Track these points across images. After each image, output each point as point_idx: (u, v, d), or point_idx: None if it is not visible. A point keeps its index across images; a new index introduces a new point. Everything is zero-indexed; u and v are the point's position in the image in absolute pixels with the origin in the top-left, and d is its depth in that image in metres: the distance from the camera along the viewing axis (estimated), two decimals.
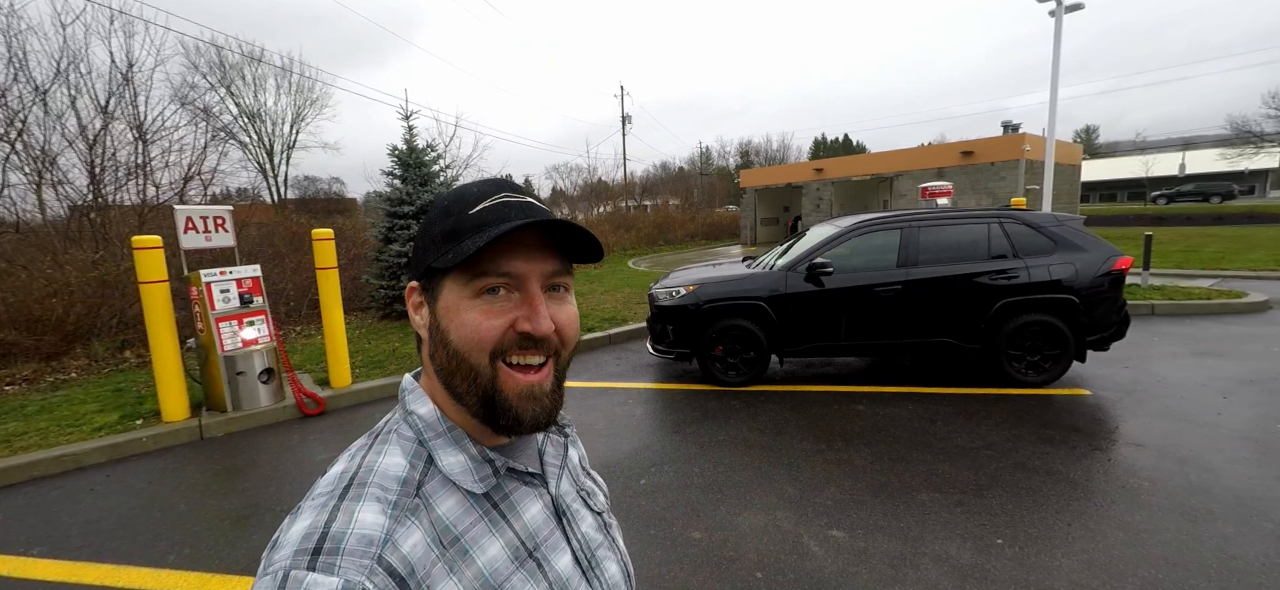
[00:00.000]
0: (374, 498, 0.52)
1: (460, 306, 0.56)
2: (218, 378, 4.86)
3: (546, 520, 0.61)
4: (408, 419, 0.59)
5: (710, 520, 3.17)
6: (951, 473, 3.58)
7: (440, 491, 0.55)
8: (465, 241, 0.55)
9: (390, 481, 0.54)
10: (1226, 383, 4.89)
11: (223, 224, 5.12)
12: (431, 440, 0.58)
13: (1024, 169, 19.15)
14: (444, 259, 0.55)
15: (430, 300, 0.59)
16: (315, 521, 0.49)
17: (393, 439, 0.58)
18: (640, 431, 4.49)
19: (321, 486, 0.54)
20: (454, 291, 0.56)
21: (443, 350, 0.57)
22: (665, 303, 5.61)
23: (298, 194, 29.77)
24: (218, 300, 4.85)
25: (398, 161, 9.15)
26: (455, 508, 0.55)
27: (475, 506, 0.56)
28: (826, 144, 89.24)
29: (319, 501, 0.52)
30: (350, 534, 0.48)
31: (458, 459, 0.57)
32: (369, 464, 0.55)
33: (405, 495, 0.53)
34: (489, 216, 0.56)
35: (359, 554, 0.47)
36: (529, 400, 0.57)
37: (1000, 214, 5.22)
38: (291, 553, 0.47)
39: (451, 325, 0.56)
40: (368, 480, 0.53)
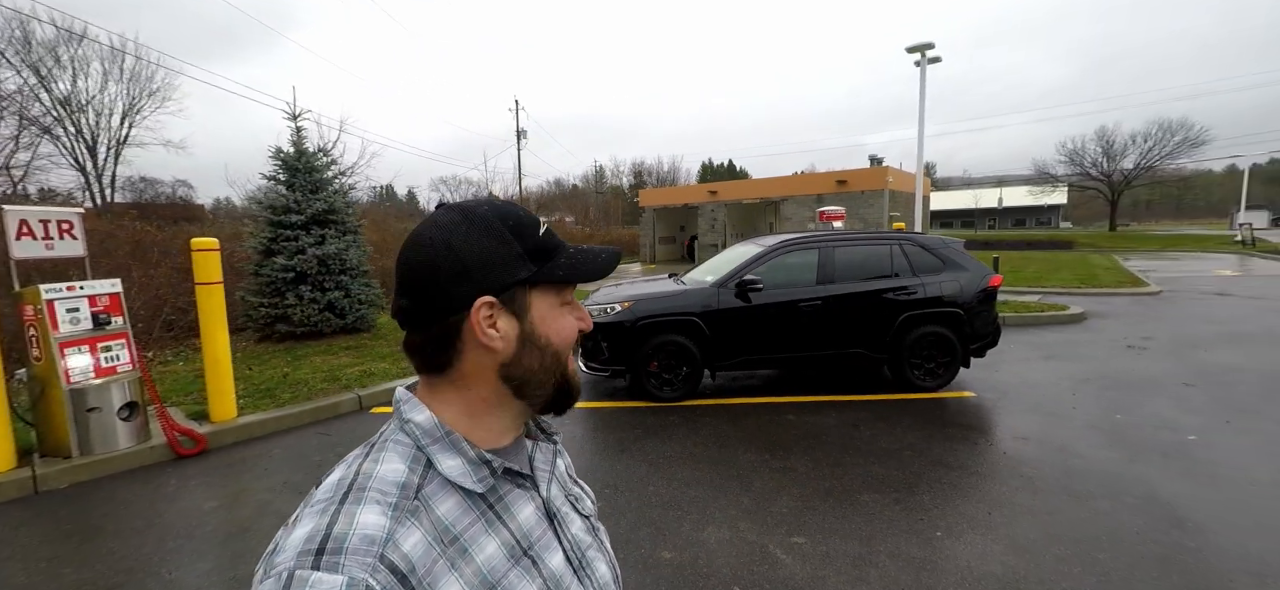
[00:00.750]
0: (374, 501, 0.53)
1: (557, 314, 0.66)
2: (59, 416, 3.96)
3: (539, 521, 0.65)
4: (404, 427, 0.61)
5: (677, 538, 3.15)
6: (883, 474, 3.88)
7: (439, 493, 0.58)
8: (560, 260, 0.65)
9: (389, 486, 0.55)
10: (1071, 382, 5.83)
11: (70, 229, 4.22)
12: (429, 446, 0.60)
13: (888, 197, 21.62)
14: (557, 274, 0.64)
15: (516, 311, 0.63)
16: (317, 525, 0.51)
17: (390, 446, 0.60)
18: (586, 452, 4.36)
19: (320, 494, 0.56)
20: (546, 301, 0.65)
21: (539, 353, 0.64)
22: (600, 319, 5.53)
23: (131, 197, 25.43)
24: (63, 321, 3.97)
25: (283, 165, 8.16)
26: (454, 509, 0.58)
27: (473, 507, 0.59)
28: (713, 168, 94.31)
29: (318, 507, 0.53)
30: (353, 534, 0.50)
31: (456, 462, 0.60)
32: (367, 470, 0.57)
33: (405, 498, 0.55)
34: (553, 240, 0.66)
35: (362, 552, 0.49)
36: (578, 378, 0.70)
37: (900, 237, 5.84)
38: (295, 554, 0.49)
39: (552, 330, 0.65)
40: (367, 485, 0.55)
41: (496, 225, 0.63)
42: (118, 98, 24.65)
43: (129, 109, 25.32)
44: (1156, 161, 35.12)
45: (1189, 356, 6.68)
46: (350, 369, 6.38)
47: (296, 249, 7.85)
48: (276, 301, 7.77)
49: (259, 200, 8.42)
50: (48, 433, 4.05)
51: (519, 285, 0.62)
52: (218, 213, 32.54)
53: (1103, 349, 7.24)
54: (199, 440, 4.41)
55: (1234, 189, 74.75)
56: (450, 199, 3.63)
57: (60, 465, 3.90)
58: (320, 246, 7.93)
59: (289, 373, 6.26)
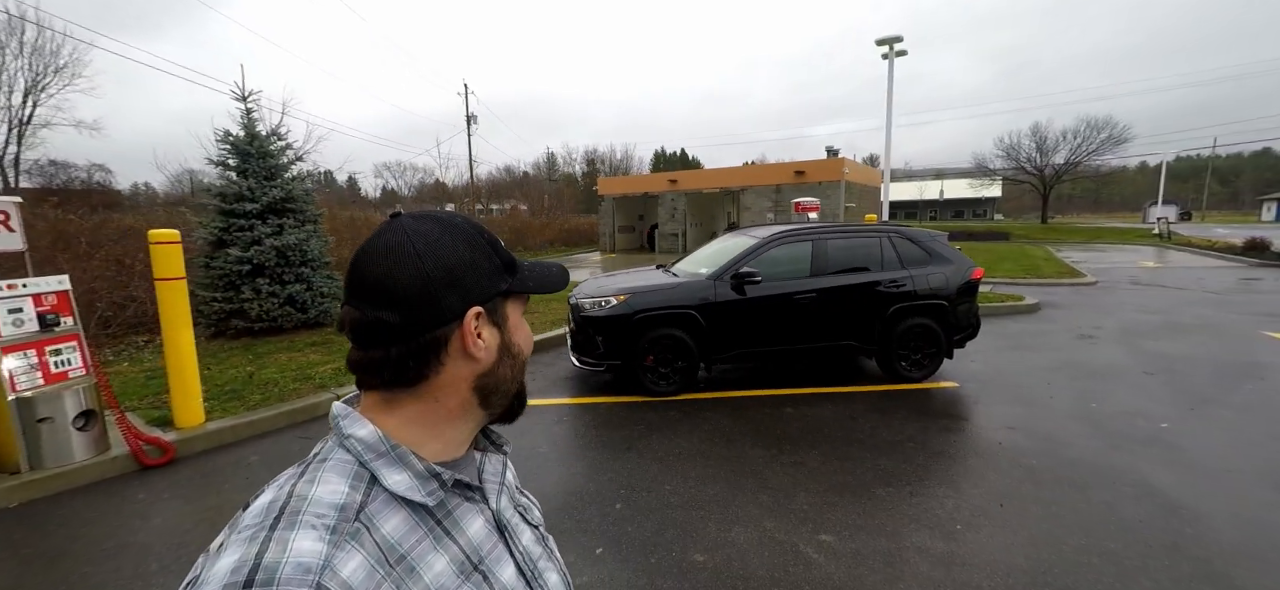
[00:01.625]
0: (309, 525, 0.51)
1: (522, 323, 0.69)
2: (4, 429, 3.51)
3: (489, 534, 0.64)
4: (345, 443, 0.59)
5: (705, 539, 3.10)
6: (892, 467, 3.95)
7: (384, 510, 0.56)
8: (524, 273, 0.68)
9: (326, 508, 0.53)
10: (1042, 371, 6.14)
11: (6, 220, 3.72)
12: (372, 461, 0.57)
13: (844, 188, 22.25)
14: (511, 284, 0.66)
15: (497, 321, 0.65)
16: (245, 555, 0.48)
17: (329, 466, 0.57)
18: (591, 451, 4.24)
19: (248, 518, 0.52)
20: (515, 311, 0.68)
21: (511, 362, 0.66)
22: (594, 313, 5.39)
23: (40, 182, 23.05)
24: (5, 324, 3.51)
25: (233, 149, 7.52)
26: (400, 526, 0.56)
27: (421, 523, 0.57)
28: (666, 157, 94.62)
29: (246, 534, 0.50)
30: (285, 563, 0.47)
31: (403, 476, 0.58)
32: (301, 492, 0.54)
33: (344, 520, 0.52)
34: (511, 253, 0.68)
35: (295, 583, 0.46)
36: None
37: (889, 229, 5.96)
38: (220, 587, 0.45)
39: (520, 337, 0.68)
40: (301, 509, 0.52)
41: (476, 237, 0.65)
42: (18, 73, 22.21)
43: (32, 86, 22.87)
44: (1084, 157, 37.75)
45: (1139, 346, 7.17)
46: (321, 367, 5.99)
47: (252, 239, 7.28)
48: (231, 295, 7.20)
49: (207, 187, 7.75)
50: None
51: (500, 296, 0.65)
52: (138, 199, 29.95)
53: (1061, 339, 7.67)
54: (166, 449, 4.02)
55: (1145, 185, 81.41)
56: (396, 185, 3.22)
57: (7, 482, 3.46)
58: (278, 237, 7.40)
59: (254, 372, 5.82)
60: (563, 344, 7.46)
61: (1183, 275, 14.58)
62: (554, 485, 3.74)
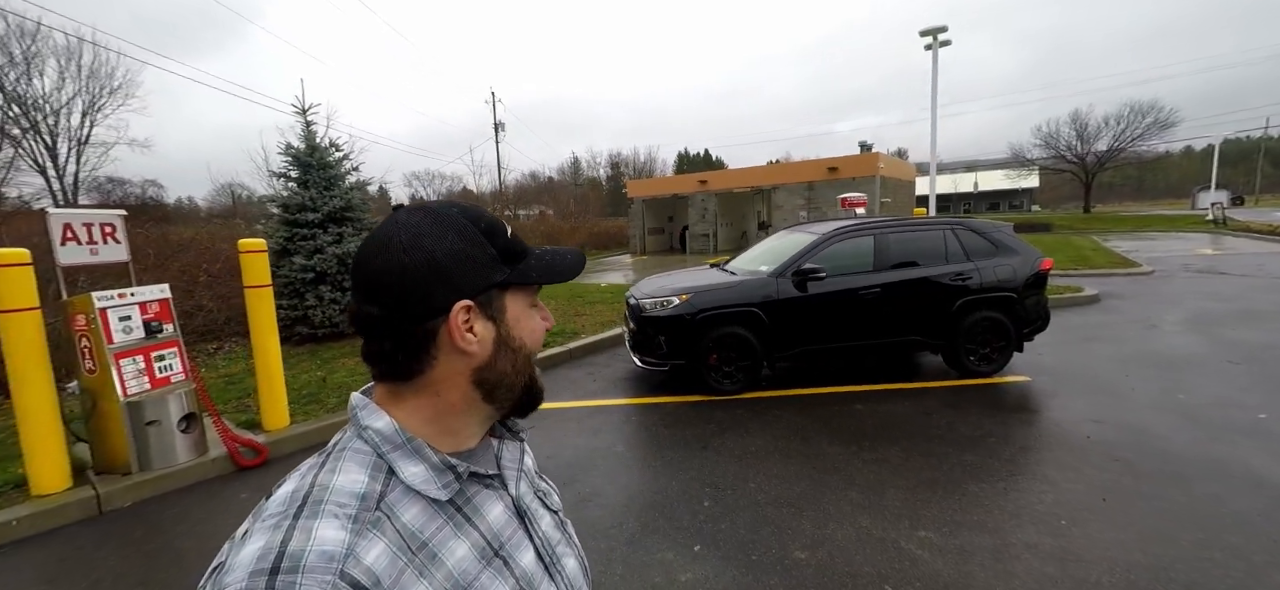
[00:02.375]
0: (331, 514, 0.51)
1: (527, 316, 0.66)
2: (116, 431, 3.69)
3: (509, 520, 0.64)
4: (362, 434, 0.59)
5: (802, 536, 3.08)
6: (978, 462, 3.87)
7: (403, 501, 0.56)
8: (530, 262, 0.65)
9: (347, 497, 0.53)
10: (1117, 363, 5.93)
11: (113, 232, 3.92)
12: (390, 453, 0.58)
13: (879, 184, 21.86)
14: (531, 276, 0.65)
15: (492, 314, 0.63)
16: (269, 542, 0.48)
17: (347, 456, 0.58)
18: (667, 450, 4.25)
19: (272, 506, 0.53)
20: (519, 305, 0.65)
21: (512, 356, 0.64)
22: (657, 313, 5.41)
23: (97, 199, 24.20)
24: (116, 331, 3.69)
25: (294, 161, 7.79)
26: (420, 515, 0.56)
27: (439, 513, 0.58)
28: (690, 157, 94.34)
29: (271, 522, 0.51)
30: (309, 551, 0.48)
31: (419, 469, 0.58)
32: (323, 482, 0.54)
33: (365, 509, 0.53)
34: (521, 242, 0.66)
35: (320, 570, 0.47)
36: (541, 379, 0.69)
37: (953, 222, 5.84)
38: (246, 574, 0.46)
39: (524, 331, 0.65)
40: (324, 498, 0.53)
41: (468, 227, 0.62)
42: (76, 95, 23.34)
43: (89, 107, 24.01)
44: (1128, 143, 36.33)
45: (1216, 334, 6.87)
46: None
47: (314, 248, 7.52)
48: (295, 303, 7.44)
49: (272, 198, 8.02)
50: (103, 448, 3.77)
51: (495, 288, 0.62)
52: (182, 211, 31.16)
53: (1129, 329, 7.40)
54: (260, 450, 4.17)
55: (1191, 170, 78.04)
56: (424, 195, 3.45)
57: (121, 482, 3.64)
58: (339, 245, 7.62)
59: (325, 376, 6.00)
60: (615, 345, 7.52)
61: (1246, 261, 13.92)
62: (638, 483, 3.76)
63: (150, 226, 12.72)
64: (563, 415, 5.07)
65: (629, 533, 3.17)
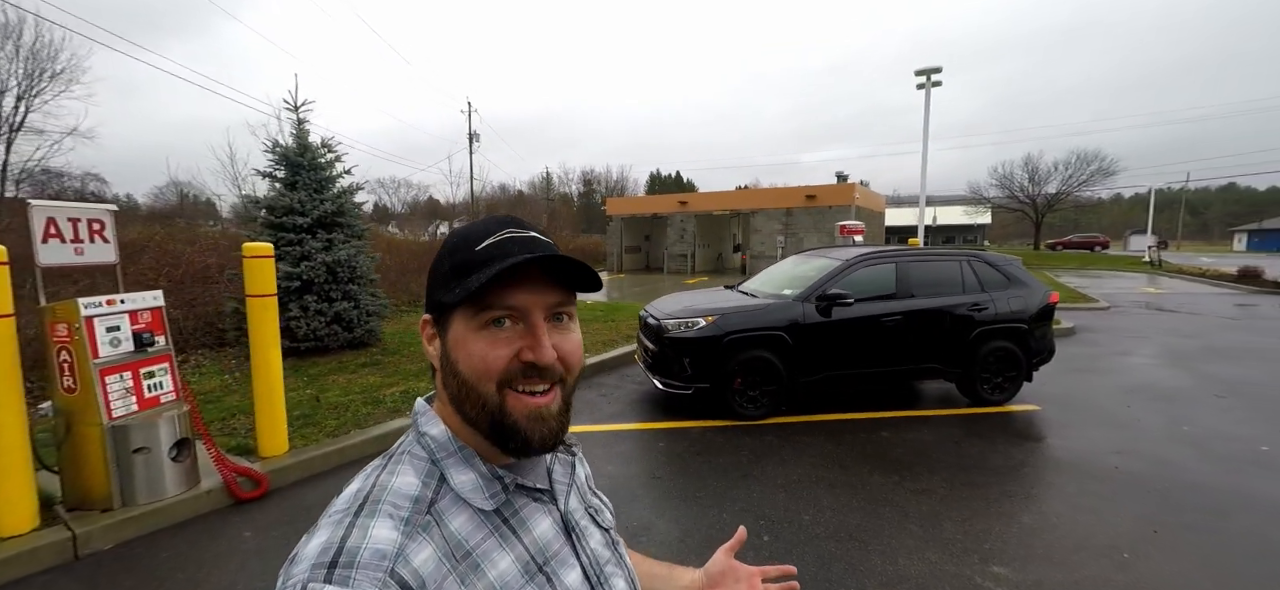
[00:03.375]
0: (387, 514, 0.53)
1: (467, 338, 0.59)
2: (94, 459, 3.23)
3: (556, 536, 0.63)
4: (421, 440, 0.61)
5: (876, 573, 2.94)
6: (1021, 493, 3.84)
7: (452, 509, 0.57)
8: (471, 277, 0.58)
9: (402, 499, 0.55)
10: (1114, 395, 6.11)
11: (102, 231, 3.49)
12: (443, 459, 0.59)
13: (854, 213, 22.48)
14: (453, 294, 0.58)
15: (441, 333, 0.62)
16: (331, 537, 0.51)
17: (406, 459, 0.60)
18: (709, 479, 4.06)
19: (338, 504, 0.56)
20: (461, 324, 0.59)
21: (453, 379, 0.60)
22: (682, 334, 5.25)
23: (30, 191, 22.28)
24: (103, 343, 3.25)
25: (282, 161, 7.30)
26: (466, 524, 0.57)
27: (486, 522, 0.58)
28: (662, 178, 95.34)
29: (335, 518, 0.54)
30: (364, 549, 0.50)
31: (468, 477, 0.59)
32: (383, 483, 0.57)
33: (417, 512, 0.55)
34: (494, 252, 0.59)
35: (372, 567, 0.49)
36: (537, 421, 0.59)
37: (969, 254, 5.93)
38: (309, 567, 0.49)
39: (460, 356, 0.59)
40: (382, 498, 0.55)
41: (455, 241, 0.62)
42: (10, 77, 21.57)
43: (26, 90, 22.22)
44: (1074, 188, 38.85)
45: (1193, 368, 7.21)
46: (388, 388, 5.73)
47: (301, 254, 7.03)
48: (280, 313, 6.89)
49: (254, 200, 7.48)
50: (77, 480, 3.29)
51: (446, 306, 0.60)
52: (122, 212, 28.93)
53: (1112, 361, 7.69)
54: (260, 480, 3.74)
55: (1120, 215, 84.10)
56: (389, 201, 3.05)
57: (101, 520, 3.17)
58: (328, 252, 7.14)
59: (318, 395, 5.53)
60: (620, 365, 7.30)
61: (1185, 300, 14.88)
62: (688, 515, 3.55)
63: None
64: (589, 440, 4.80)
65: None
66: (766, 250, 23.90)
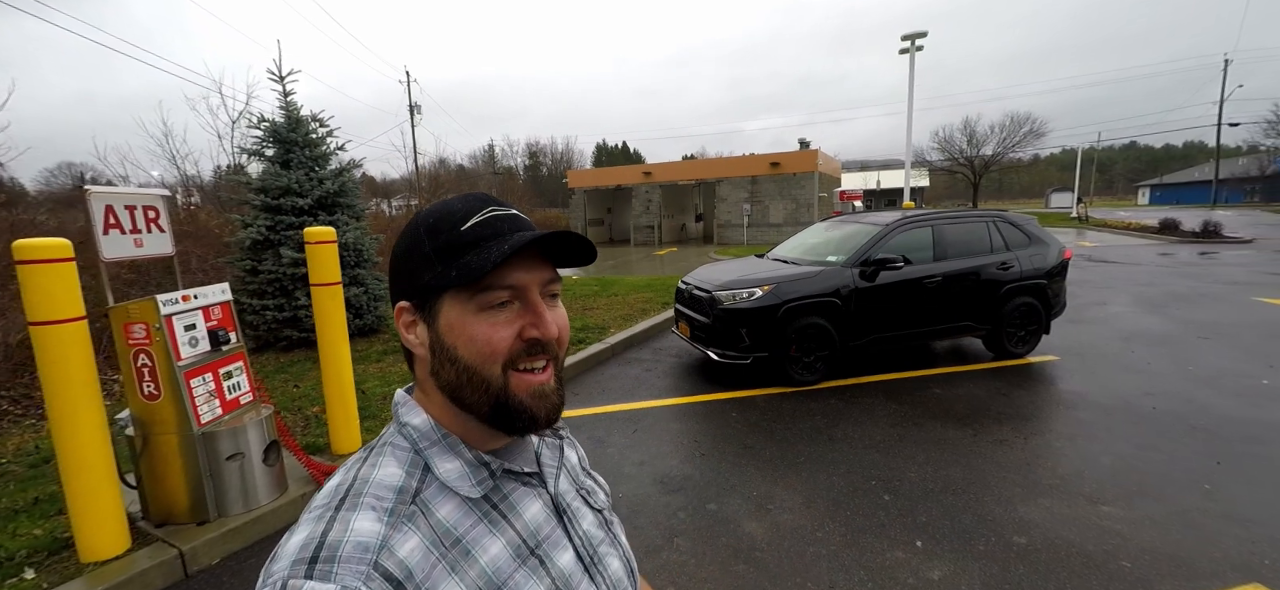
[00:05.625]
0: (369, 506, 0.52)
1: (466, 321, 0.57)
2: (174, 471, 2.92)
3: (547, 519, 0.63)
4: (402, 431, 0.60)
5: (1004, 522, 3.09)
6: (1085, 435, 4.12)
7: (438, 497, 0.56)
8: (467, 258, 0.56)
9: (385, 491, 0.54)
10: (1114, 342, 6.62)
11: (157, 219, 3.10)
12: (427, 449, 0.59)
13: (817, 180, 23.05)
14: (448, 277, 0.56)
15: (427, 318, 0.59)
16: (312, 532, 0.50)
17: (388, 451, 0.59)
18: (799, 444, 4.12)
19: (318, 500, 0.55)
20: (457, 308, 0.57)
21: (450, 366, 0.58)
22: (737, 305, 5.25)
23: None
24: (183, 344, 2.91)
25: (271, 136, 6.69)
26: (454, 512, 0.56)
27: (474, 509, 0.57)
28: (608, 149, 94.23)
29: (315, 514, 0.52)
30: (346, 542, 0.49)
31: (454, 465, 0.58)
32: (364, 476, 0.56)
33: (401, 503, 0.54)
34: (484, 232, 0.58)
35: (355, 561, 0.48)
36: (540, 398, 0.59)
37: (993, 215, 6.21)
38: (289, 563, 0.48)
39: (459, 341, 0.57)
40: (363, 491, 0.54)
41: (432, 221, 0.60)
42: None
43: None
44: (1008, 149, 41.39)
45: (1168, 314, 7.91)
46: None
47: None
48: (283, 302, 6.40)
49: (244, 180, 6.82)
50: (159, 493, 2.96)
51: (433, 290, 0.58)
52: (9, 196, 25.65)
53: (1094, 311, 8.32)
54: None
55: (1038, 175, 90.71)
56: None
57: (201, 534, 2.88)
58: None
59: (364, 387, 5.20)
60: (648, 339, 7.26)
61: (1122, 252, 16.27)
62: (805, 482, 3.60)
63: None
64: (655, 414, 4.77)
65: (838, 538, 3.02)
66: (733, 219, 24.21)
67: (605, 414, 4.87)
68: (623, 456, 4.05)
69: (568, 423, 4.69)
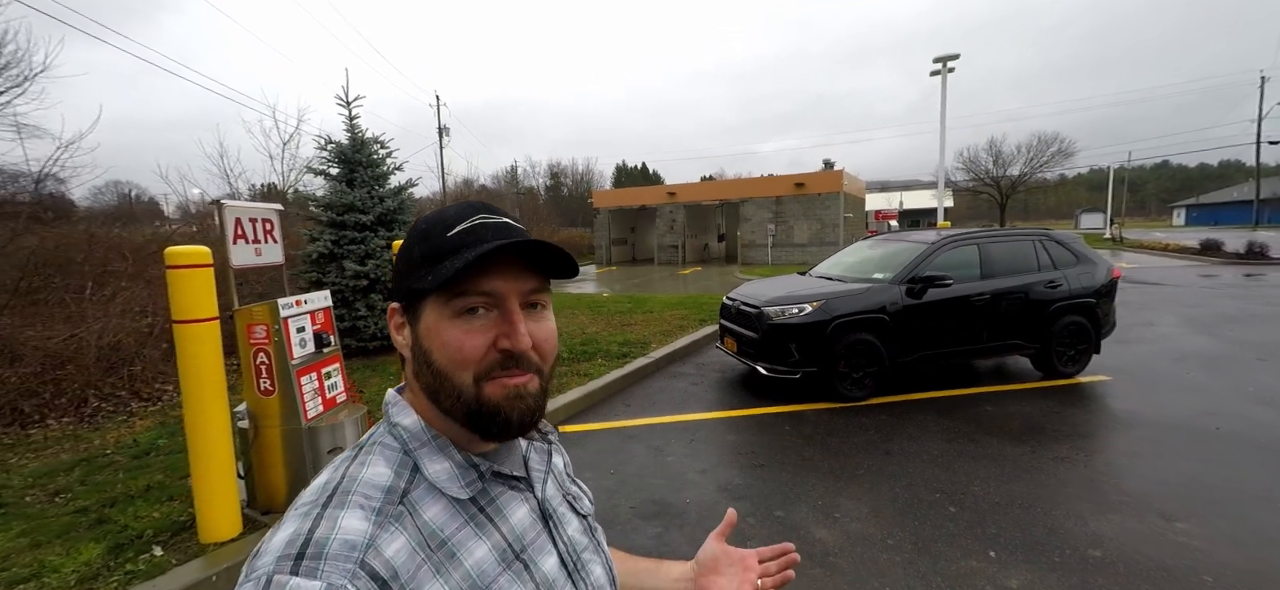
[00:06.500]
0: (357, 505, 0.52)
1: (441, 327, 0.58)
2: (275, 463, 3.14)
3: (533, 523, 0.63)
4: (392, 430, 0.60)
5: (1075, 536, 3.13)
6: (1150, 453, 4.12)
7: (426, 498, 0.56)
8: (444, 263, 0.57)
9: (374, 490, 0.54)
10: (1166, 362, 6.55)
11: (271, 231, 3.36)
12: (416, 449, 0.59)
13: (843, 200, 23.07)
14: (424, 281, 0.57)
15: (412, 321, 0.61)
16: (298, 529, 0.50)
17: (377, 450, 0.59)
18: (857, 457, 4.20)
19: (305, 496, 0.55)
20: (434, 313, 0.58)
21: (427, 369, 0.59)
22: (786, 320, 5.37)
23: None
24: (295, 345, 3.15)
25: (336, 158, 7.06)
26: (441, 513, 0.56)
27: (461, 511, 0.57)
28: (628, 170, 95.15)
29: (302, 510, 0.52)
30: (333, 540, 0.49)
31: (443, 466, 0.58)
32: (352, 474, 0.56)
33: (389, 503, 0.54)
34: (467, 238, 0.58)
35: (341, 558, 0.48)
36: (516, 400, 0.58)
37: (1039, 233, 6.25)
38: (274, 559, 0.47)
39: (434, 346, 0.58)
40: (352, 488, 0.54)
41: (424, 227, 0.61)
42: None
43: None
44: (1036, 169, 40.93)
45: (1220, 334, 7.79)
46: None
47: (365, 253, 6.83)
48: (344, 312, 6.70)
49: (312, 198, 7.20)
50: (266, 482, 3.19)
51: (417, 294, 0.59)
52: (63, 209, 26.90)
53: (1142, 331, 8.22)
54: None
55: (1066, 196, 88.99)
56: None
57: None
58: (392, 250, 6.96)
59: None
60: (688, 355, 7.39)
61: (1162, 273, 15.94)
62: (869, 494, 3.68)
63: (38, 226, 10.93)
64: (707, 426, 4.89)
65: (909, 546, 3.09)
66: (757, 239, 24.30)
67: (661, 425, 5.00)
68: (684, 465, 4.17)
69: (627, 432, 4.86)
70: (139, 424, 4.89)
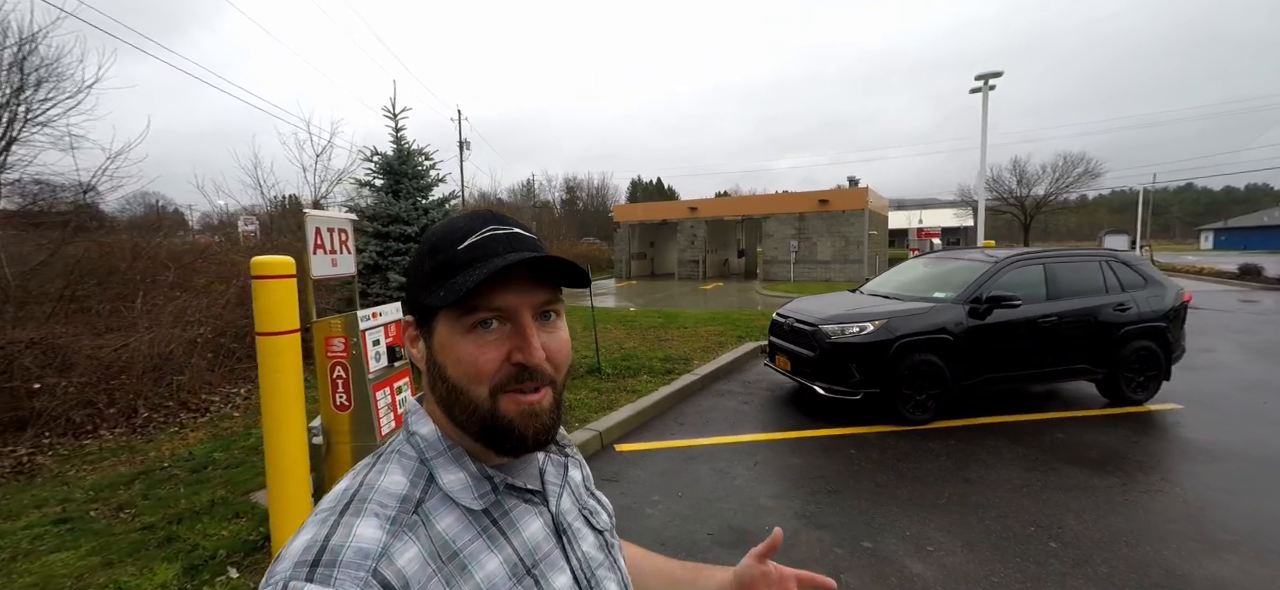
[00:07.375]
0: (372, 513, 0.53)
1: (454, 342, 0.57)
2: None
3: (547, 538, 0.62)
4: (410, 439, 0.60)
5: (1196, 578, 2.92)
6: (1247, 488, 3.89)
7: (440, 509, 0.56)
8: (457, 278, 0.56)
9: (389, 498, 0.55)
10: (1238, 390, 6.27)
11: (346, 241, 3.28)
12: (432, 459, 0.58)
13: (867, 217, 22.85)
14: (437, 296, 0.56)
15: (425, 335, 0.61)
16: (316, 535, 0.51)
17: (395, 458, 0.59)
18: (933, 484, 4.01)
19: (325, 502, 0.55)
20: (447, 327, 0.58)
21: (442, 383, 0.59)
22: (846, 340, 5.21)
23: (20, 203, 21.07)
24: (373, 358, 3.05)
25: (381, 169, 7.06)
26: (454, 524, 0.56)
27: (474, 523, 0.57)
28: (643, 185, 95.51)
29: (321, 516, 0.53)
30: (348, 547, 0.49)
31: (458, 476, 0.58)
32: (370, 481, 0.56)
33: (404, 511, 0.54)
34: (478, 252, 0.57)
35: (355, 566, 0.48)
36: (530, 418, 0.58)
37: (1105, 254, 6.04)
38: (291, 565, 0.48)
39: (448, 360, 0.58)
40: (368, 496, 0.54)
41: (435, 239, 0.60)
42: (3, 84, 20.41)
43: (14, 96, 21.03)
44: (1061, 190, 40.29)
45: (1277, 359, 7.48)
46: None
47: None
48: None
49: (360, 209, 7.20)
50: None
51: (430, 309, 0.58)
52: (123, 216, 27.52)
53: (1203, 358, 7.90)
54: None
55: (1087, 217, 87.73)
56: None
57: None
58: None
59: None
60: (733, 372, 7.23)
61: (1201, 298, 15.46)
62: (960, 526, 3.48)
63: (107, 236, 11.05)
64: (764, 447, 4.72)
65: (1017, 584, 2.90)
66: (779, 255, 24.12)
67: (720, 445, 4.84)
68: (754, 489, 4.00)
69: (687, 453, 4.71)
70: (191, 436, 4.83)
